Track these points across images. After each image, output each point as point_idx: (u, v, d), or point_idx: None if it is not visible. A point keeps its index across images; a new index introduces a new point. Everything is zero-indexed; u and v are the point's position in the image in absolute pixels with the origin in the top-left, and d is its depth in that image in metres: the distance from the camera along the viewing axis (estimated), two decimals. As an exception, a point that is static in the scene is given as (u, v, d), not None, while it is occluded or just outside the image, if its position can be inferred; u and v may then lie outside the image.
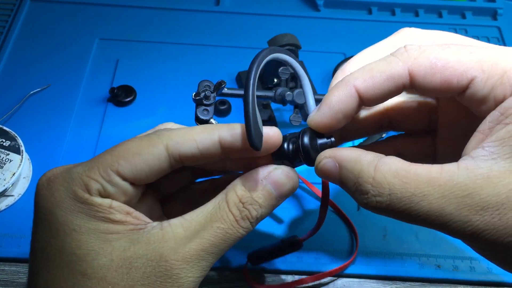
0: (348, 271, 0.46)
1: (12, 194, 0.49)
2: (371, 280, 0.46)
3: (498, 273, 0.46)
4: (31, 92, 0.56)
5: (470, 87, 0.26)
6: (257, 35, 0.63)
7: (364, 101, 0.28)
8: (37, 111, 0.56)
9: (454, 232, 0.25)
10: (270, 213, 0.29)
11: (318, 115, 0.29)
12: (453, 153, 0.30)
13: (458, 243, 0.48)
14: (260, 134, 0.27)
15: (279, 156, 0.30)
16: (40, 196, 0.29)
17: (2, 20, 0.64)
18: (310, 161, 0.29)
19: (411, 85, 0.27)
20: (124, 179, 0.28)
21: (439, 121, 0.32)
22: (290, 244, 0.40)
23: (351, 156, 0.27)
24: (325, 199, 0.32)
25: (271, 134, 0.29)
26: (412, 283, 0.46)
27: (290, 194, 0.30)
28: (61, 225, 0.27)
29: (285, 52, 0.31)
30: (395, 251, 0.47)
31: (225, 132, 0.29)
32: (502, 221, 0.23)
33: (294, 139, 0.30)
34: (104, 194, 0.28)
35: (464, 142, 0.27)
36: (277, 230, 0.48)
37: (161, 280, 0.27)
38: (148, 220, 0.29)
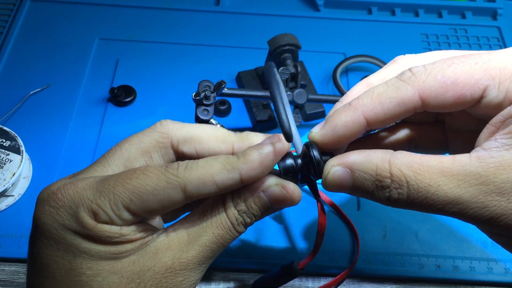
0: (348, 271, 0.46)
1: (12, 194, 0.49)
2: (371, 280, 0.46)
3: (498, 273, 0.46)
4: (31, 92, 0.56)
5: (485, 95, 0.27)
6: (257, 35, 0.63)
7: (371, 125, 0.29)
8: (37, 111, 0.56)
9: (471, 219, 0.25)
10: None
11: (321, 134, 0.29)
12: (464, 144, 0.31)
13: (458, 243, 0.48)
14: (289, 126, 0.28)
15: (286, 172, 0.30)
16: (44, 212, 0.27)
17: (2, 20, 0.64)
18: (319, 175, 0.29)
19: (423, 107, 0.28)
20: (133, 214, 0.27)
21: (445, 121, 0.33)
22: (289, 272, 0.40)
23: (360, 158, 0.27)
24: (321, 228, 0.32)
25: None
26: (412, 283, 0.46)
27: (286, 205, 0.30)
28: (70, 247, 0.27)
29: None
30: (395, 251, 0.47)
31: (246, 169, 0.28)
32: None
33: (300, 154, 0.31)
34: (110, 224, 0.27)
35: (473, 135, 0.27)
36: (282, 240, 0.48)
37: (173, 285, 0.28)
38: (154, 227, 0.30)
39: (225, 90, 0.48)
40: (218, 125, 0.48)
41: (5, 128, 0.51)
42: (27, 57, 0.60)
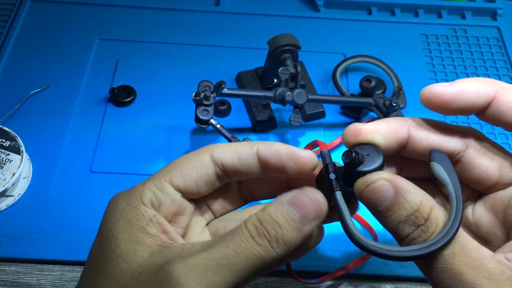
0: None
1: (12, 194, 0.49)
2: (371, 280, 0.46)
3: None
4: (31, 92, 0.56)
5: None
6: (257, 35, 0.63)
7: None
8: (37, 111, 0.56)
9: None
10: (299, 241, 0.27)
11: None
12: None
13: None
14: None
15: (321, 183, 0.30)
16: (105, 211, 0.30)
17: (2, 20, 0.64)
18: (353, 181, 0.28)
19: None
20: (176, 188, 0.30)
21: None
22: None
23: (411, 187, 0.27)
24: None
25: (303, 155, 0.29)
26: (412, 283, 0.46)
27: (318, 218, 0.28)
28: (108, 230, 0.29)
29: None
30: (395, 251, 0.47)
31: (262, 146, 0.30)
32: None
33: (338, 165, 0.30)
34: (155, 204, 0.29)
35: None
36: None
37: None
38: (180, 240, 0.29)
39: (225, 90, 0.48)
40: (218, 125, 0.48)
41: (5, 128, 0.51)
42: (27, 57, 0.60)
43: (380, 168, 0.28)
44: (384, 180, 0.27)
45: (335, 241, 0.47)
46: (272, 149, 0.30)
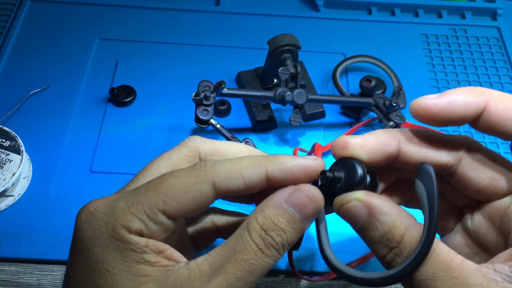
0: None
1: (12, 194, 0.49)
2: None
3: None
4: (31, 92, 0.56)
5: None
6: (257, 35, 0.63)
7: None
8: (37, 111, 0.56)
9: None
10: (298, 237, 0.28)
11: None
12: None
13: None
14: None
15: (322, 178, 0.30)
16: (79, 229, 0.28)
17: (2, 20, 0.64)
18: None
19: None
20: (170, 217, 0.27)
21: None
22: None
23: (387, 207, 0.26)
24: None
25: (314, 164, 0.29)
26: (412, 283, 0.46)
27: (316, 214, 0.28)
28: (97, 264, 0.26)
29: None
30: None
31: (273, 168, 0.28)
32: None
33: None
34: (145, 233, 0.27)
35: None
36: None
37: None
38: (179, 257, 0.28)
39: (225, 90, 0.48)
40: (218, 125, 0.48)
41: (5, 128, 0.51)
42: (27, 57, 0.60)
43: (358, 185, 0.28)
44: (356, 201, 0.27)
45: (336, 241, 0.47)
46: (284, 169, 0.28)
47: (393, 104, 0.51)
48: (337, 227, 0.48)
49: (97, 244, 0.26)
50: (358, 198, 0.27)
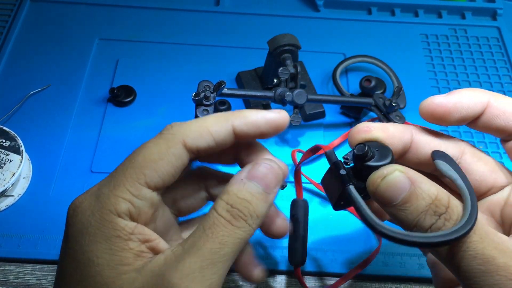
0: (348, 271, 0.46)
1: (12, 194, 0.49)
2: (371, 280, 0.46)
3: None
4: (31, 92, 0.56)
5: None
6: (257, 35, 0.63)
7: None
8: (37, 111, 0.56)
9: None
10: (267, 209, 0.29)
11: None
12: None
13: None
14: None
15: (329, 184, 0.29)
16: (68, 225, 0.28)
17: (2, 20, 0.64)
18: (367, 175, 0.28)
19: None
20: (154, 188, 0.28)
21: None
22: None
23: (425, 178, 0.26)
24: None
25: (278, 117, 0.30)
26: (412, 283, 0.46)
27: (279, 183, 0.29)
28: (83, 255, 0.27)
29: None
30: (395, 251, 0.47)
31: (239, 122, 0.29)
32: None
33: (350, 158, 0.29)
34: (133, 212, 0.27)
35: None
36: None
37: None
38: (164, 248, 0.28)
39: (225, 90, 0.48)
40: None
41: (5, 128, 0.51)
42: (27, 57, 0.60)
43: (392, 159, 0.28)
44: (399, 172, 0.26)
45: (336, 242, 0.47)
46: (249, 123, 0.29)
47: (393, 104, 0.51)
48: (337, 228, 0.48)
49: (84, 235, 0.27)
50: (400, 169, 0.26)
